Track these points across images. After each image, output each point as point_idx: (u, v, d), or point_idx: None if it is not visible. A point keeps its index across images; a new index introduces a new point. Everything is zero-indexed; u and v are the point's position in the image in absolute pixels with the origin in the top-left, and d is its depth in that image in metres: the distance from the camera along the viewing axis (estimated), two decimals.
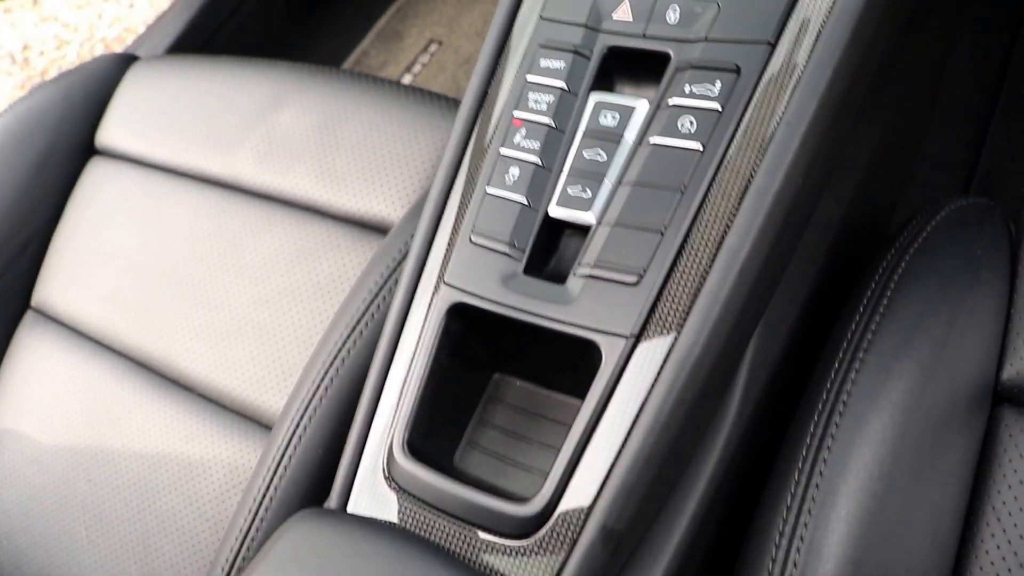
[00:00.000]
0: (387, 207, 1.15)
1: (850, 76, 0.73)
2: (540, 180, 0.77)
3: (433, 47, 2.03)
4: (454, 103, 1.19)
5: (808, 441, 0.75)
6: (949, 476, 0.76)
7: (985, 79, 1.52)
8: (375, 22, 2.08)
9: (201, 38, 1.88)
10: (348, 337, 1.00)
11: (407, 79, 2.01)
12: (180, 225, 1.28)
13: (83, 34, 3.31)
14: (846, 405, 0.76)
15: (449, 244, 0.81)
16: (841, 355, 0.79)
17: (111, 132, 1.44)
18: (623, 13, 0.80)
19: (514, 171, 0.78)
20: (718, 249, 0.69)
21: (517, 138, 0.79)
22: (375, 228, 1.15)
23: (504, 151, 0.80)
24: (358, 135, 1.20)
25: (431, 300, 0.79)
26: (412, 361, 0.79)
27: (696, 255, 0.70)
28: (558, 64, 0.80)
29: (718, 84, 0.73)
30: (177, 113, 1.37)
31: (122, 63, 1.53)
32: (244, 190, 1.26)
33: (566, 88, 0.79)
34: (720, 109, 0.72)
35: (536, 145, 0.78)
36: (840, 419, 0.75)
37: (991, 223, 0.89)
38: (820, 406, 0.77)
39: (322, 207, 1.19)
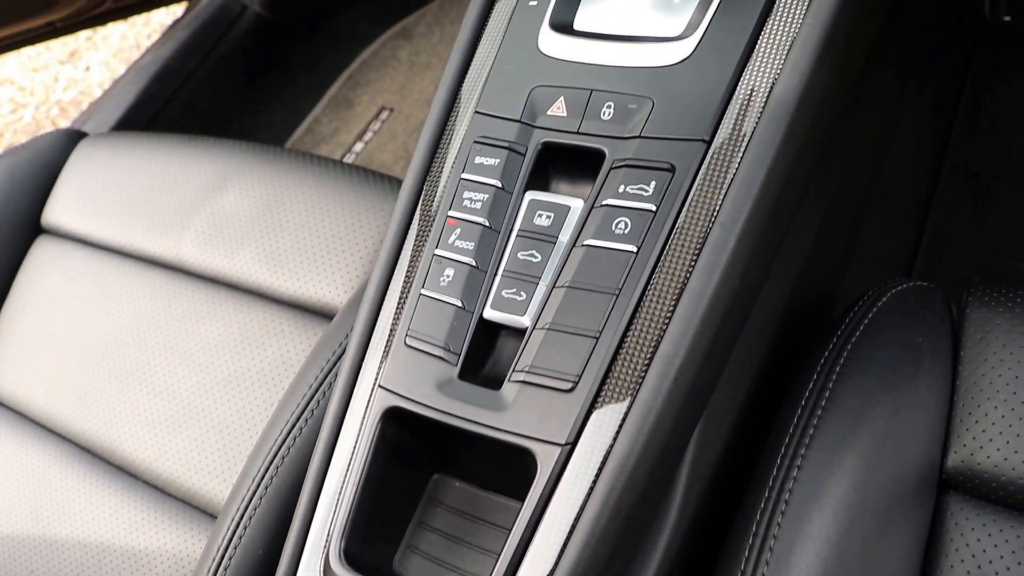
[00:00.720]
0: (331, 291, 1.13)
1: (785, 174, 0.73)
2: (475, 281, 0.76)
3: (384, 114, 2.03)
4: (396, 183, 1.19)
5: (751, 542, 0.74)
6: (896, 570, 0.76)
7: (930, 143, 1.54)
8: (327, 90, 2.08)
9: (152, 109, 1.88)
10: (292, 428, 0.98)
11: (359, 147, 2.00)
12: (125, 308, 1.26)
13: (39, 97, 3.30)
14: (788, 504, 0.75)
15: (386, 345, 0.79)
16: (783, 451, 0.78)
17: (58, 211, 1.42)
18: (558, 109, 0.80)
19: (449, 272, 0.77)
20: (653, 354, 0.69)
21: (452, 238, 0.79)
22: (319, 313, 1.14)
23: (439, 252, 0.79)
24: (302, 217, 1.19)
25: (367, 403, 0.78)
26: (348, 466, 0.77)
27: (631, 360, 0.69)
28: (493, 161, 0.80)
29: (652, 183, 0.73)
30: (124, 192, 1.36)
31: (69, 139, 1.52)
32: (189, 272, 1.25)
33: (500, 186, 0.79)
34: (654, 209, 0.72)
35: (471, 246, 0.77)
36: (783, 519, 0.74)
37: (932, 308, 0.89)
38: (763, 504, 0.76)
39: (266, 291, 1.18)
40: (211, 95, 1.94)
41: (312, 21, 2.10)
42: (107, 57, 3.37)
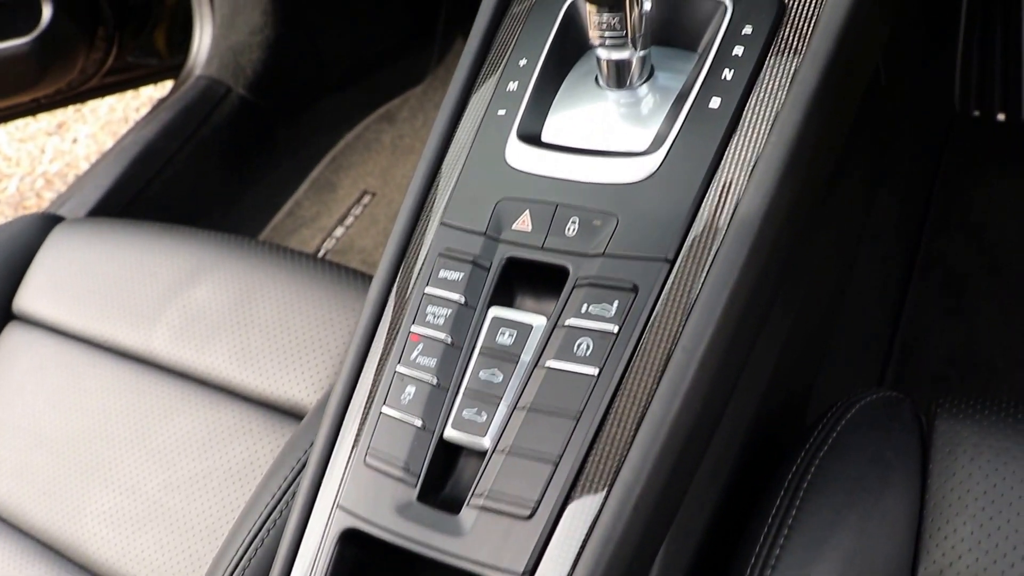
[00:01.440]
0: (301, 391, 1.13)
1: (749, 294, 0.73)
2: (436, 400, 0.76)
3: (366, 199, 2.04)
4: (368, 280, 1.19)
5: None
6: None
7: (903, 237, 1.55)
8: (309, 172, 2.09)
9: (132, 191, 1.88)
10: (255, 536, 0.97)
11: (340, 231, 2.01)
12: (93, 401, 1.25)
13: (24, 168, 3.31)
14: None
15: (347, 463, 0.78)
16: (748, 573, 0.77)
17: (29, 297, 1.41)
18: (523, 223, 0.80)
19: (410, 389, 0.77)
20: (613, 481, 0.68)
21: (414, 354, 0.78)
22: (289, 412, 1.13)
23: (401, 369, 0.78)
24: (273, 314, 1.18)
25: (327, 522, 0.77)
26: None
27: (590, 488, 0.68)
28: (456, 276, 0.80)
29: (615, 304, 0.73)
30: (97, 281, 1.35)
31: (44, 224, 1.52)
32: (159, 366, 1.24)
33: (464, 302, 0.78)
34: (616, 331, 0.72)
35: (432, 363, 0.77)
36: None
37: (901, 419, 0.88)
38: None
39: (236, 388, 1.17)
40: (192, 177, 1.95)
41: (296, 104, 2.12)
42: (95, 129, 3.39)
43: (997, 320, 1.54)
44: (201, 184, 1.97)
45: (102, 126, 3.38)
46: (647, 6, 0.80)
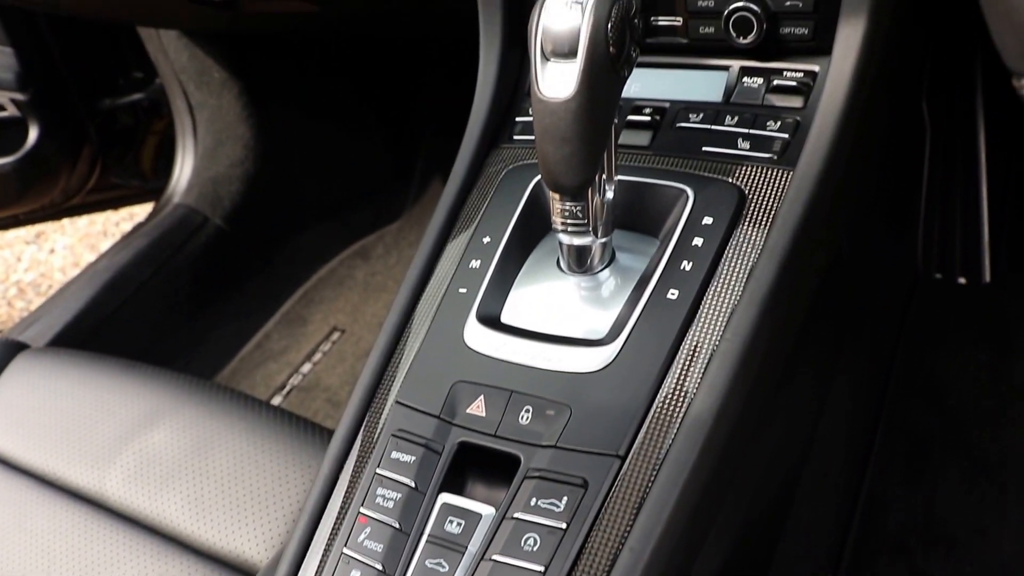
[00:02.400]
0: (252, 547, 1.11)
1: (699, 493, 0.73)
2: None
3: (336, 335, 2.05)
4: (327, 436, 1.18)
5: None
6: None
7: (865, 404, 1.56)
8: (280, 305, 2.10)
9: (101, 316, 1.88)
10: None
11: (307, 367, 2.01)
12: (39, 542, 1.22)
13: None
14: None
15: None
16: None
17: None
18: (477, 407, 0.80)
19: (355, 574, 0.76)
20: None
21: (362, 537, 0.77)
22: (238, 570, 1.11)
23: (347, 551, 0.78)
24: (229, 465, 1.17)
25: None
26: None
27: None
28: (408, 458, 0.79)
29: (564, 499, 0.73)
30: (55, 416, 1.34)
31: (6, 351, 1.51)
32: (110, 510, 1.22)
33: (414, 486, 0.78)
34: (564, 528, 0.71)
35: (379, 548, 0.76)
36: None
37: None
38: None
39: (187, 539, 1.15)
40: (163, 305, 1.95)
41: (272, 237, 2.14)
42: (73, 241, 3.39)
43: (958, 489, 1.54)
44: (171, 312, 1.97)
45: (80, 238, 3.39)
46: (609, 195, 0.82)
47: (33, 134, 2.12)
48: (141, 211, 2.90)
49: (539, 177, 0.92)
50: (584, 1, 0.76)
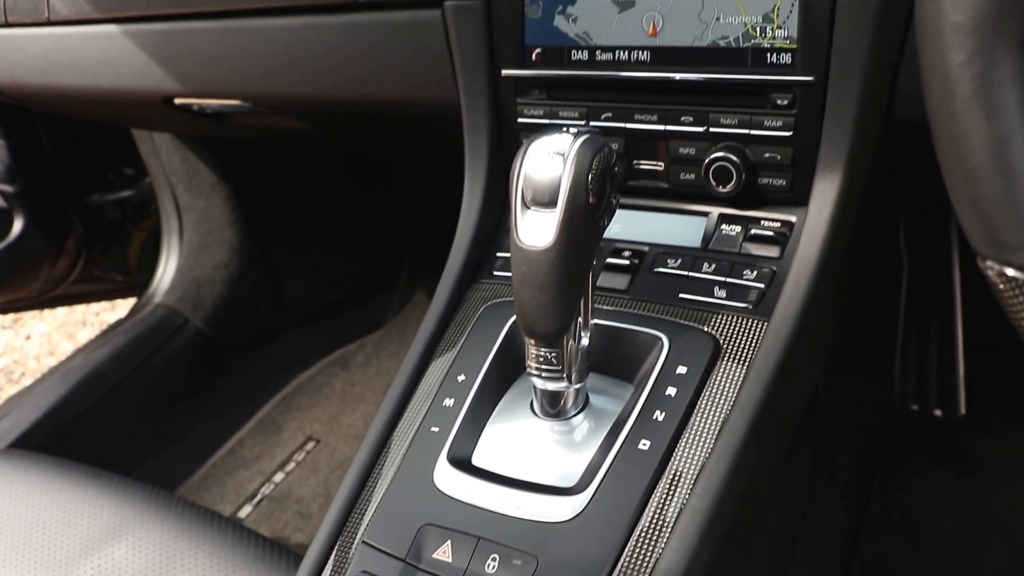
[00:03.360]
0: None
1: None
2: None
3: (310, 445, 2.03)
4: (296, 562, 1.16)
5: None
6: None
7: (839, 537, 1.55)
8: (256, 411, 2.08)
9: (73, 414, 1.86)
10: None
11: (279, 476, 1.98)
12: None
13: None
14: None
15: None
16: None
17: None
18: (444, 553, 0.79)
19: None
20: None
21: None
22: None
23: None
24: None
25: None
26: None
27: None
28: None
29: None
30: (13, 524, 1.31)
31: None
32: None
33: None
34: None
35: None
36: None
37: None
38: None
39: None
40: (136, 407, 1.93)
41: (252, 342, 2.14)
42: (50, 328, 3.38)
43: None
44: (144, 414, 1.95)
45: (59, 326, 3.37)
46: (584, 341, 0.83)
47: (18, 225, 2.12)
48: (123, 303, 2.90)
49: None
50: (566, 151, 0.77)
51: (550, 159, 0.77)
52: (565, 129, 0.80)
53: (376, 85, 1.19)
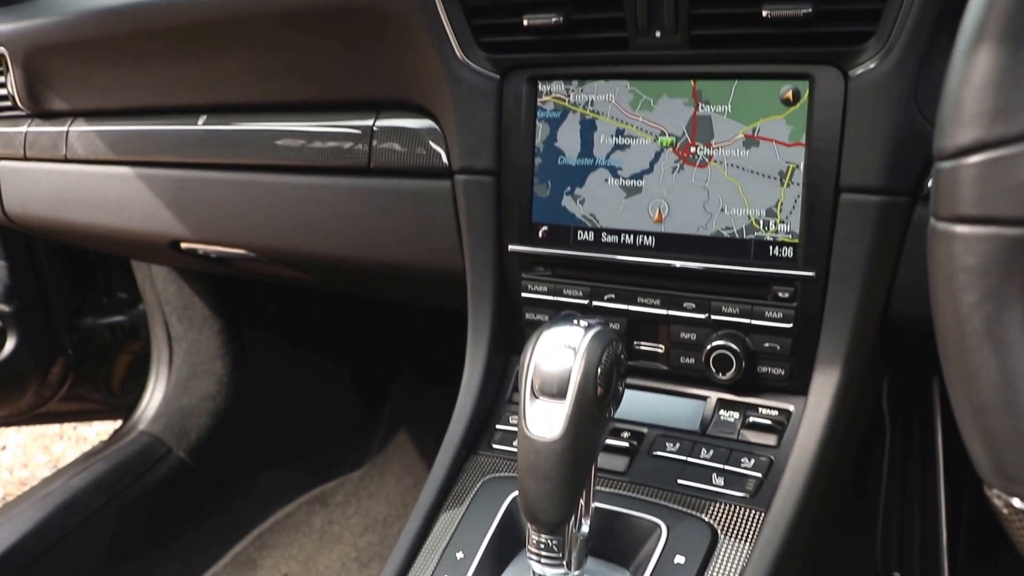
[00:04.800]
0: None
1: None
2: None
3: None
4: None
5: None
6: None
7: None
8: (232, 546, 2.04)
9: (50, 541, 1.82)
10: None
11: None
12: None
13: None
14: None
15: None
16: None
17: None
18: None
19: None
20: None
21: None
22: None
23: None
24: None
25: None
26: None
27: None
28: None
29: None
30: None
31: None
32: None
33: None
34: None
35: None
36: None
37: None
38: None
39: None
40: (112, 536, 1.90)
41: (233, 474, 2.11)
42: (27, 440, 3.33)
43: None
44: (120, 544, 1.91)
45: (35, 438, 3.33)
46: (585, 528, 0.83)
47: (10, 344, 2.12)
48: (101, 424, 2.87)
49: (516, 493, 0.93)
50: (576, 345, 0.79)
51: (561, 351, 0.79)
52: (575, 321, 0.82)
53: (382, 248, 1.22)
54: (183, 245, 1.46)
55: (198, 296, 2.05)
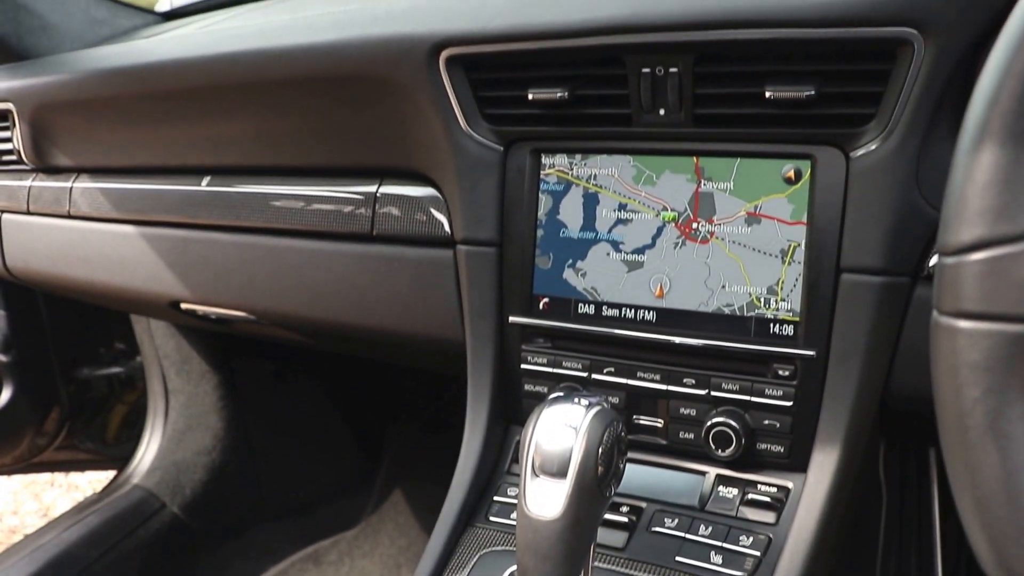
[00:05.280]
0: None
1: None
2: None
3: None
4: None
5: None
6: None
7: None
8: None
9: None
10: None
11: None
12: None
13: None
14: None
15: None
16: None
17: None
18: None
19: None
20: None
21: None
22: None
23: None
24: None
25: None
26: None
27: None
28: None
29: None
30: None
31: None
32: None
33: None
34: None
35: None
36: None
37: None
38: None
39: None
40: None
41: (227, 531, 2.10)
42: (18, 487, 3.30)
43: None
44: None
45: (26, 485, 3.30)
46: None
47: (6, 394, 2.12)
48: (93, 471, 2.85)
49: (513, 568, 0.92)
50: (578, 424, 0.79)
51: (562, 430, 0.79)
52: (576, 400, 0.82)
53: (382, 316, 1.22)
54: (183, 305, 1.46)
55: (196, 350, 2.05)
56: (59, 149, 1.51)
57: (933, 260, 0.88)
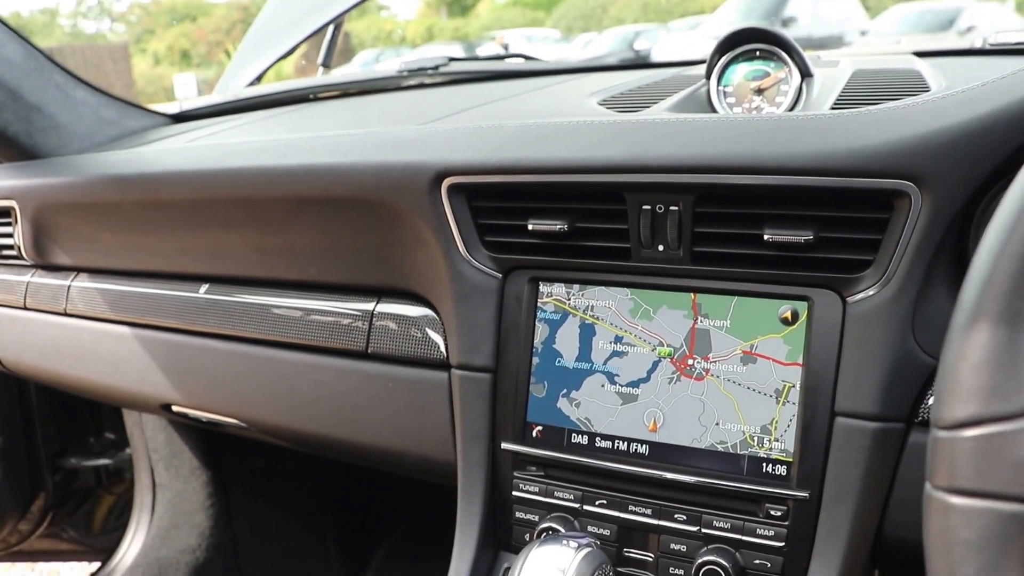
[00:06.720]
0: None
1: None
2: None
3: None
4: None
5: None
6: None
7: None
8: None
9: None
10: None
11: None
12: None
13: None
14: None
15: None
16: None
17: None
18: None
19: None
20: None
21: None
22: None
23: None
24: None
25: None
26: None
27: None
28: None
29: None
30: None
31: None
32: None
33: None
34: None
35: None
36: None
37: None
38: None
39: None
40: None
41: None
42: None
43: None
44: None
45: (5, 570, 3.24)
46: None
47: None
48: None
49: None
50: (566, 567, 0.78)
51: (550, 574, 0.78)
52: (565, 542, 0.81)
53: (374, 433, 1.21)
54: (175, 408, 1.45)
55: (187, 446, 2.03)
56: (59, 248, 1.51)
57: (930, 400, 0.88)
